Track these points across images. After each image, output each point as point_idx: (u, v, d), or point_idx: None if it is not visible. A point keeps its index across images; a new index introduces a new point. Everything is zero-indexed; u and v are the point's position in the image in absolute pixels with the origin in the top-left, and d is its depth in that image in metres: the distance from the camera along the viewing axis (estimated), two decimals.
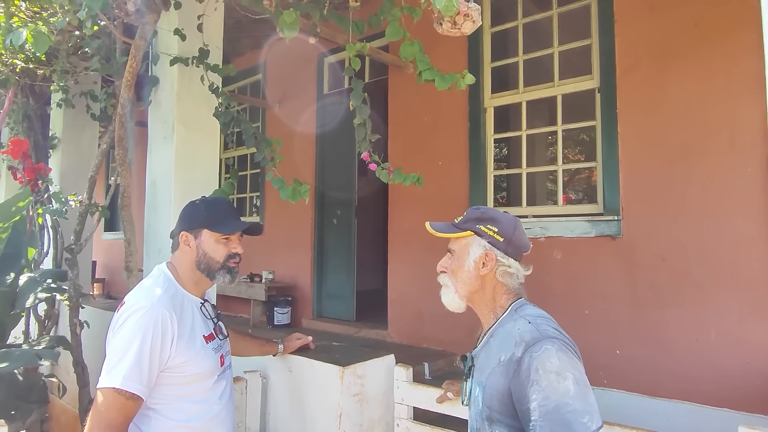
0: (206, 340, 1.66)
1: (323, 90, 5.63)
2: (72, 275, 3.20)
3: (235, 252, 1.71)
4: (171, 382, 1.56)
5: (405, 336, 4.53)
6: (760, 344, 2.92)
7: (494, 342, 1.34)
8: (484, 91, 4.22)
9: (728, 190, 3.06)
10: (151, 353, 1.47)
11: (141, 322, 1.49)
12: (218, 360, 1.68)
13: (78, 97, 3.98)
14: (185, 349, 1.56)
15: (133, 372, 1.44)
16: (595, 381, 3.41)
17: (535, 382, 1.17)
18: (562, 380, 1.16)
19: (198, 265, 1.68)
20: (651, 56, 3.37)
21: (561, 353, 1.19)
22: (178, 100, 3.05)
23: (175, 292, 1.64)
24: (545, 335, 1.23)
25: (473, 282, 1.39)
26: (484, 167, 4.18)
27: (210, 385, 1.65)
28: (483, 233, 1.38)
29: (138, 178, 3.47)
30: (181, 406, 1.59)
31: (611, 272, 3.47)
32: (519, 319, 1.31)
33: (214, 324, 1.75)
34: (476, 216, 1.41)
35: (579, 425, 1.12)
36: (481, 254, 1.38)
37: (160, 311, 1.52)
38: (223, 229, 1.67)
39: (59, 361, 3.88)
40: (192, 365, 1.58)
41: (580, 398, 1.15)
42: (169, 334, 1.52)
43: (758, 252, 2.95)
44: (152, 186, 3.19)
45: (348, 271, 5.29)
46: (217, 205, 1.72)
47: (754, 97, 2.98)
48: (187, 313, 1.63)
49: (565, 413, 1.13)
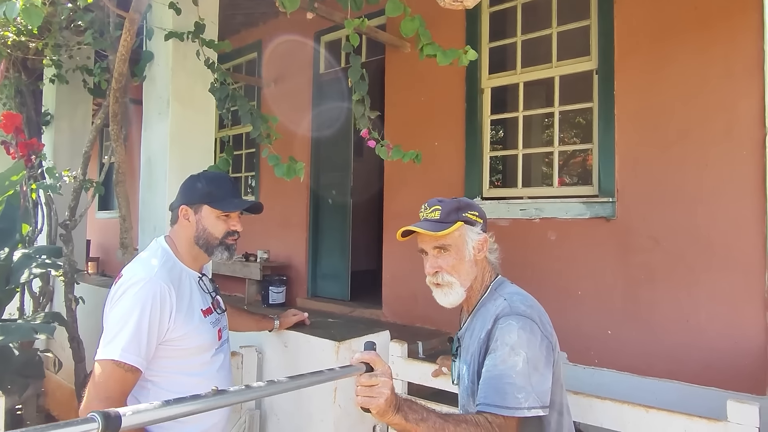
0: (204, 313, 1.66)
1: (319, 70, 5.58)
2: (67, 251, 3.20)
3: (234, 229, 1.71)
4: (169, 355, 1.57)
5: (399, 315, 4.57)
6: (748, 326, 2.96)
7: (477, 321, 1.38)
8: (481, 71, 4.20)
9: (723, 174, 3.07)
10: (149, 326, 1.47)
11: (139, 294, 1.49)
12: (216, 333, 1.69)
13: (72, 72, 3.93)
14: (183, 322, 1.57)
15: (131, 344, 1.45)
16: (586, 360, 3.46)
17: (494, 350, 1.24)
18: (514, 355, 1.20)
19: (197, 240, 1.68)
20: (650, 39, 3.36)
21: (522, 331, 1.23)
22: (173, 75, 3.02)
23: (173, 266, 1.64)
24: (514, 311, 1.28)
25: (473, 270, 1.41)
26: (480, 148, 4.18)
27: (208, 358, 1.66)
28: (472, 221, 1.41)
29: (132, 155, 3.44)
30: (179, 379, 1.60)
31: (605, 254, 3.50)
32: (498, 297, 1.36)
33: (212, 298, 1.75)
34: (455, 206, 1.42)
35: (512, 398, 1.16)
36: (480, 240, 1.40)
37: (158, 284, 1.52)
38: (224, 207, 1.67)
39: (55, 337, 3.89)
40: (190, 338, 1.59)
41: (524, 376, 1.19)
42: (168, 307, 1.52)
43: (750, 235, 2.98)
44: (147, 163, 3.17)
45: (343, 251, 5.30)
46: (219, 182, 1.71)
47: (752, 81, 2.98)
48: (185, 286, 1.64)
49: (504, 384, 1.18)
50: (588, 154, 3.92)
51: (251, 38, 6.21)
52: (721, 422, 1.48)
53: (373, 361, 1.11)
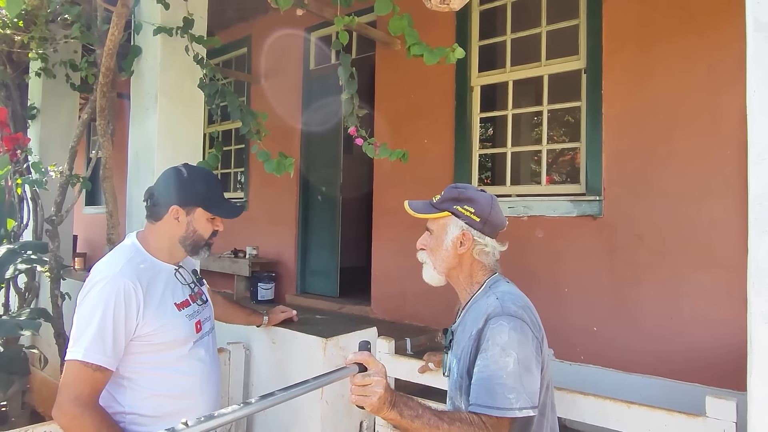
0: (179, 306, 1.63)
1: (309, 66, 5.57)
2: (53, 247, 3.17)
3: (217, 229, 1.71)
4: (142, 351, 1.54)
5: (387, 312, 4.58)
6: (730, 322, 3.00)
7: (469, 317, 1.39)
8: (471, 69, 4.21)
9: (707, 173, 3.11)
10: (114, 323, 1.45)
11: (102, 292, 1.47)
12: (193, 326, 1.65)
13: (58, 66, 3.89)
14: (154, 317, 1.54)
15: (95, 343, 1.43)
16: (572, 357, 3.50)
17: (485, 350, 1.25)
18: (505, 356, 1.22)
19: (183, 240, 1.66)
20: (637, 38, 3.39)
21: (513, 332, 1.25)
22: (162, 70, 3.00)
23: (142, 261, 1.61)
24: (506, 312, 1.28)
25: (451, 260, 1.44)
26: (470, 146, 4.20)
27: (185, 351, 1.62)
28: (460, 214, 1.42)
29: (120, 151, 3.42)
30: (156, 375, 1.57)
31: (591, 251, 3.53)
32: (491, 295, 1.37)
33: (191, 290, 1.72)
34: (453, 196, 1.44)
35: (503, 399, 1.18)
36: (459, 234, 1.42)
37: (121, 281, 1.49)
38: (222, 213, 1.67)
39: (40, 333, 3.86)
40: (163, 333, 1.56)
41: (515, 377, 1.20)
42: (134, 303, 1.49)
43: (732, 233, 3.02)
44: (135, 158, 3.15)
45: (332, 248, 5.31)
46: (211, 183, 1.70)
47: (736, 81, 3.02)
48: (157, 281, 1.61)
49: (495, 384, 1.20)
50: (576, 153, 3.96)
51: (241, 33, 6.17)
52: (700, 417, 1.51)
53: (366, 361, 1.14)
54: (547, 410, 1.34)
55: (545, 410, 1.33)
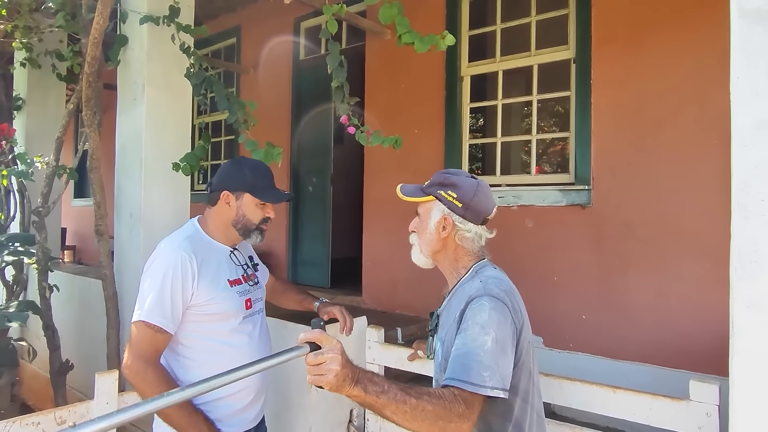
0: (231, 283, 1.76)
1: (299, 56, 5.54)
2: (40, 238, 3.14)
3: (269, 216, 1.82)
4: (197, 320, 1.69)
5: (379, 302, 4.60)
6: (716, 309, 3.04)
7: (454, 300, 1.41)
8: (461, 59, 4.21)
9: (694, 163, 3.14)
10: (172, 290, 1.62)
11: (162, 263, 1.65)
12: (243, 303, 1.78)
13: (43, 56, 3.83)
14: (208, 288, 1.68)
15: (156, 306, 1.61)
16: (561, 344, 3.53)
17: (464, 330, 1.26)
18: (484, 334, 1.22)
19: (235, 224, 1.79)
20: (627, 28, 3.40)
21: (493, 311, 1.25)
22: (148, 60, 2.97)
23: (200, 239, 1.77)
24: (487, 292, 1.29)
25: (435, 244, 1.46)
26: (460, 136, 4.20)
27: (234, 325, 1.74)
28: (443, 198, 1.43)
29: (107, 142, 3.39)
30: (208, 345, 1.71)
31: (580, 240, 3.56)
32: (476, 279, 1.38)
33: (243, 271, 1.85)
34: (439, 181, 1.46)
35: (477, 375, 1.17)
36: (440, 219, 1.43)
37: (179, 253, 1.66)
38: (267, 198, 1.78)
39: (29, 326, 3.84)
40: (215, 304, 1.69)
41: (491, 355, 1.20)
42: (190, 274, 1.65)
43: (718, 222, 3.05)
44: (122, 149, 3.13)
45: (323, 239, 5.30)
46: (260, 171, 1.82)
47: (723, 72, 3.02)
48: (212, 258, 1.75)
49: (471, 360, 1.19)
50: (565, 143, 3.97)
51: (230, 23, 6.11)
52: (684, 401, 1.53)
53: (318, 339, 1.11)
54: (531, 397, 1.34)
55: (529, 397, 1.33)
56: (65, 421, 1.92)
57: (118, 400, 2.00)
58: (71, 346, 3.40)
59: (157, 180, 2.99)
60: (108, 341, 2.95)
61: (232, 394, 1.72)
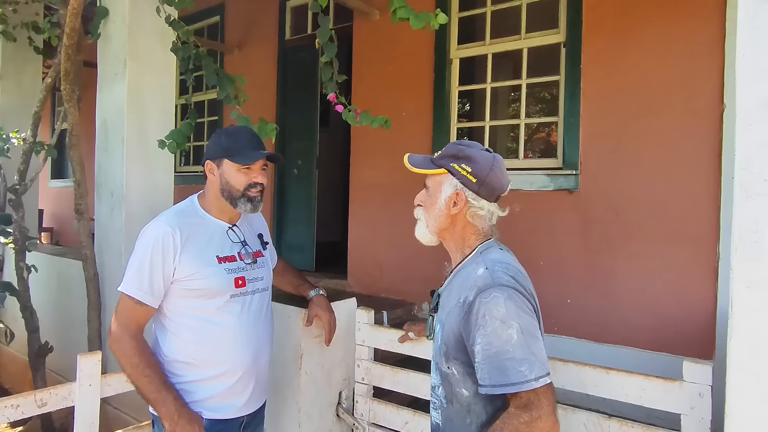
0: (221, 260, 1.72)
1: (285, 35, 5.42)
2: (17, 217, 3.04)
3: (256, 181, 1.73)
4: (182, 295, 1.67)
5: (364, 286, 4.57)
6: (699, 294, 3.09)
7: (456, 282, 1.35)
8: (450, 41, 4.16)
9: (680, 149, 3.16)
10: (152, 262, 1.61)
11: (145, 237, 1.67)
12: (231, 280, 1.72)
13: (19, 28, 3.68)
14: (191, 262, 1.65)
15: (133, 278, 1.62)
16: (546, 328, 3.53)
17: (482, 326, 1.19)
18: (507, 328, 1.17)
19: (222, 193, 1.74)
20: (617, 13, 3.38)
21: (509, 302, 1.19)
22: (130, 34, 2.87)
23: (193, 215, 1.76)
24: (497, 282, 1.23)
25: (443, 220, 1.37)
26: (448, 119, 4.16)
27: (220, 303, 1.69)
28: (456, 172, 1.34)
29: (85, 120, 3.27)
30: (191, 323, 1.68)
31: (567, 225, 3.57)
32: (480, 262, 1.31)
33: (241, 248, 1.79)
34: (453, 152, 1.36)
35: (515, 372, 1.14)
36: (452, 194, 1.35)
37: (162, 227, 1.65)
38: (240, 160, 1.70)
39: (7, 308, 3.73)
40: (197, 280, 1.66)
41: (522, 347, 1.16)
42: (171, 247, 1.63)
43: (703, 208, 3.09)
44: (103, 125, 3.03)
45: (308, 222, 5.25)
46: (237, 135, 1.76)
47: (713, 57, 3.05)
48: (203, 233, 1.73)
49: (504, 359, 1.15)
50: (553, 127, 3.97)
51: (214, 1, 5.96)
52: (677, 381, 1.54)
53: None
54: None
55: None
56: (46, 404, 1.87)
57: (101, 383, 1.95)
58: (50, 328, 3.31)
59: (139, 158, 2.91)
60: (89, 323, 2.87)
61: (212, 377, 1.67)
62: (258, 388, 1.79)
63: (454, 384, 1.30)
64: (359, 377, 2.27)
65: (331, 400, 2.25)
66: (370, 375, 2.24)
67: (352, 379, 2.32)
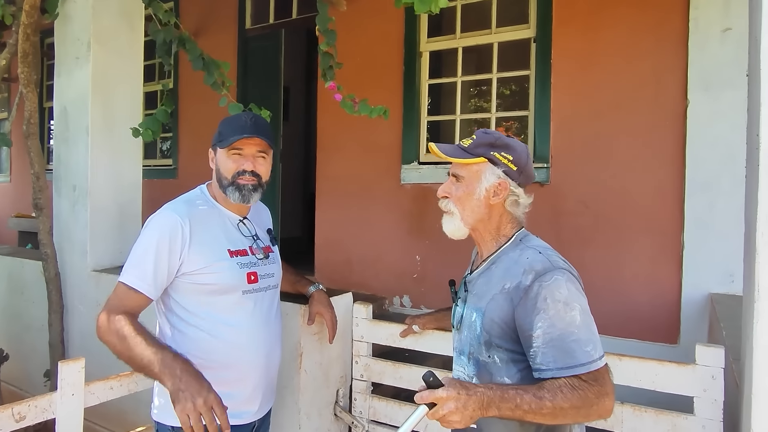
0: (232, 254, 1.62)
1: (245, 24, 5.21)
2: None
3: (245, 169, 1.61)
4: (193, 290, 1.59)
5: (333, 282, 4.48)
6: (667, 283, 3.24)
7: (497, 269, 1.33)
8: (420, 34, 4.14)
9: (649, 143, 3.28)
10: (156, 253, 1.52)
11: (151, 226, 1.58)
12: (244, 276, 1.63)
13: None
14: (199, 255, 1.56)
15: (133, 267, 1.54)
16: None
17: (543, 310, 1.19)
18: (570, 310, 1.18)
19: (218, 182, 1.65)
20: (587, 9, 3.47)
21: (570, 284, 1.22)
22: (94, 14, 2.67)
23: (202, 204, 1.67)
24: (556, 266, 1.24)
25: (481, 210, 1.34)
26: (418, 113, 4.15)
27: (235, 299, 1.61)
28: (498, 161, 1.32)
29: None
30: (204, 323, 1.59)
31: (538, 217, 3.57)
32: (526, 249, 1.31)
33: (253, 242, 1.70)
34: (489, 141, 1.34)
35: (582, 353, 1.15)
36: (495, 183, 1.32)
37: (171, 217, 1.57)
38: (223, 144, 1.61)
39: None
40: (209, 274, 1.57)
41: (585, 328, 1.18)
42: (179, 238, 1.54)
43: (671, 199, 3.23)
44: (62, 113, 2.80)
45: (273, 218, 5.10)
46: (231, 120, 1.68)
47: (678, 54, 3.19)
48: (213, 224, 1.64)
49: (570, 342, 1.16)
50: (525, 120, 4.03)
51: None
52: (690, 365, 1.58)
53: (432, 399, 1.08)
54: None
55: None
56: (24, 417, 1.70)
57: (85, 391, 1.80)
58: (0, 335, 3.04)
59: (105, 149, 2.72)
60: (50, 327, 2.66)
61: (225, 381, 1.55)
62: (269, 391, 1.72)
63: (494, 373, 1.28)
64: (357, 374, 2.22)
65: (329, 399, 2.19)
66: (369, 371, 2.19)
67: (348, 376, 2.26)
